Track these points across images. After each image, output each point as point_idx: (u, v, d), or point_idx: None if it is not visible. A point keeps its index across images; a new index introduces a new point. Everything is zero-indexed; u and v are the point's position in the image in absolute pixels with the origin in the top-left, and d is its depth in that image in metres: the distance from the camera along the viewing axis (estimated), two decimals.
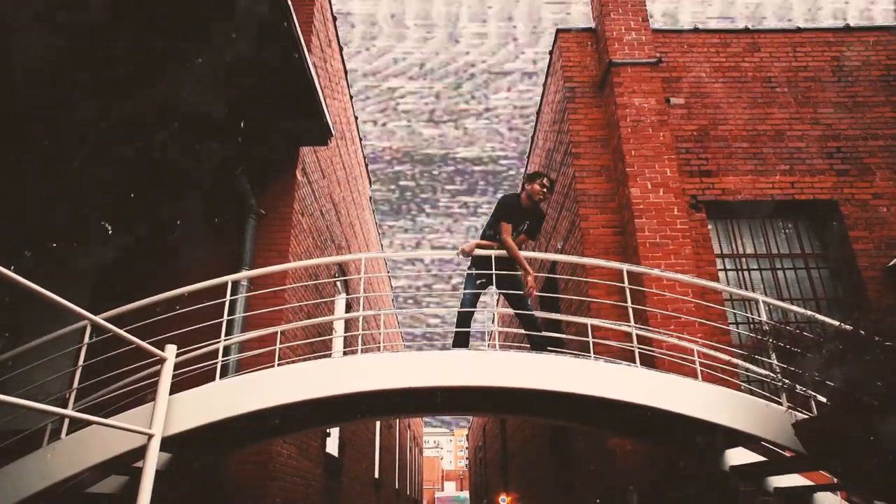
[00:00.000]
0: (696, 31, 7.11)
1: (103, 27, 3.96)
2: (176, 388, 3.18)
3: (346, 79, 8.34)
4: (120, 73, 4.36)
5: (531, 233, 4.68)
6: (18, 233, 4.86)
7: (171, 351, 3.03)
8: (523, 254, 4.43)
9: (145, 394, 3.79)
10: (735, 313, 5.65)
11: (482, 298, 4.73)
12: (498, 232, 4.50)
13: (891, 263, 5.79)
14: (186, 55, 4.26)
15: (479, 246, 4.47)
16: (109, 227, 5.44)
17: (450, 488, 64.07)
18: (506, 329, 6.86)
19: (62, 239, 5.12)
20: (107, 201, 5.42)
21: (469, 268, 4.61)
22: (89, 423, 2.73)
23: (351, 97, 8.64)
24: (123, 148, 5.01)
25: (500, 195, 4.74)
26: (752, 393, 3.72)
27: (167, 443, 3.24)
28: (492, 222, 4.65)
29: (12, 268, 1.74)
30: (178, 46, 4.20)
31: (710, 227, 6.13)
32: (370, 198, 11.87)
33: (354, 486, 9.89)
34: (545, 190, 4.55)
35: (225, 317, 3.83)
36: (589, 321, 4.32)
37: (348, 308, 8.38)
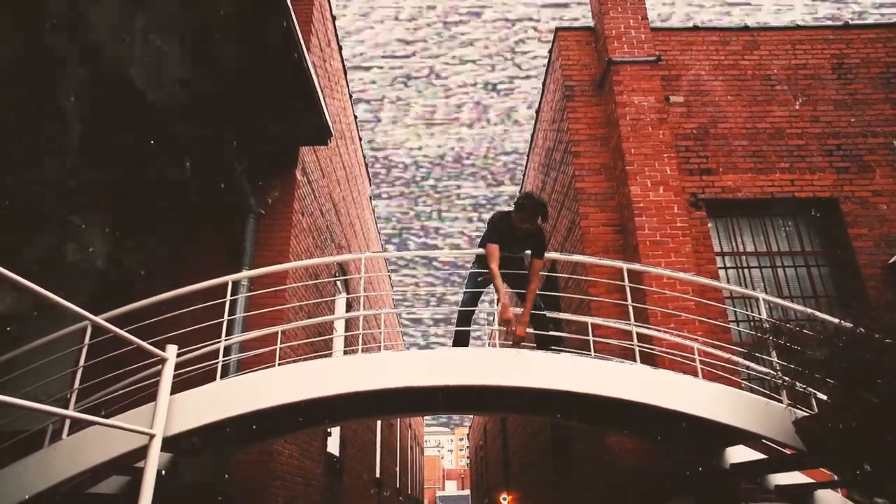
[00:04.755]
0: (695, 29, 7.10)
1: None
2: (177, 388, 3.19)
3: (346, 78, 8.34)
4: (120, 73, 4.36)
5: (536, 252, 4.19)
6: (18, 232, 4.86)
7: (171, 351, 3.04)
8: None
9: (146, 394, 3.80)
10: (735, 311, 5.65)
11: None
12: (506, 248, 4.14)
13: (891, 261, 5.79)
14: (185, 56, 4.25)
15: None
16: (109, 228, 5.44)
17: (451, 487, 64.10)
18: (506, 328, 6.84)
19: (62, 239, 5.12)
20: (107, 202, 5.42)
21: (472, 266, 4.60)
22: (90, 423, 2.73)
23: (350, 96, 8.64)
24: (124, 149, 5.01)
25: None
26: (752, 391, 3.72)
27: (168, 443, 3.24)
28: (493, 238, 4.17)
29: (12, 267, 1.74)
30: (176, 46, 4.20)
31: (710, 224, 6.14)
32: (370, 197, 11.87)
33: (355, 486, 9.90)
34: (527, 226, 4.05)
35: (225, 317, 3.83)
36: (589, 320, 4.33)
37: (349, 307, 8.38)
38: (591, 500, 6.20)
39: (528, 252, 4.25)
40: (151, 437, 2.76)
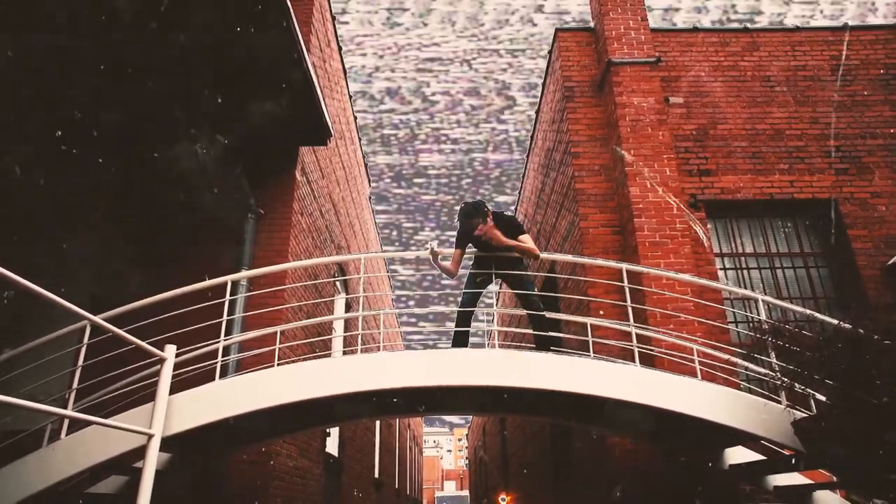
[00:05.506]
0: (694, 30, 7.11)
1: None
2: (176, 388, 3.18)
3: (345, 78, 8.34)
4: (119, 72, 4.36)
5: (517, 235, 4.47)
6: (17, 232, 4.86)
7: (170, 351, 3.03)
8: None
9: (145, 394, 3.79)
10: (734, 312, 5.65)
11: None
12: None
13: (890, 262, 5.79)
14: (185, 56, 4.25)
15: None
16: (110, 227, 5.44)
17: (450, 487, 64.07)
18: (505, 328, 6.85)
19: (62, 238, 5.12)
20: (107, 201, 5.42)
21: (471, 268, 4.60)
22: (89, 423, 2.73)
23: (350, 96, 8.64)
24: (123, 146, 5.00)
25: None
26: (751, 392, 3.73)
27: (167, 443, 3.24)
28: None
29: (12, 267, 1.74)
30: (175, 45, 4.20)
31: (709, 226, 6.14)
32: (369, 197, 11.86)
33: (354, 486, 9.89)
34: (479, 231, 4.31)
35: (224, 317, 3.83)
36: (588, 320, 4.32)
37: (348, 308, 8.38)
38: (591, 500, 6.20)
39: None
40: (150, 436, 2.75)
